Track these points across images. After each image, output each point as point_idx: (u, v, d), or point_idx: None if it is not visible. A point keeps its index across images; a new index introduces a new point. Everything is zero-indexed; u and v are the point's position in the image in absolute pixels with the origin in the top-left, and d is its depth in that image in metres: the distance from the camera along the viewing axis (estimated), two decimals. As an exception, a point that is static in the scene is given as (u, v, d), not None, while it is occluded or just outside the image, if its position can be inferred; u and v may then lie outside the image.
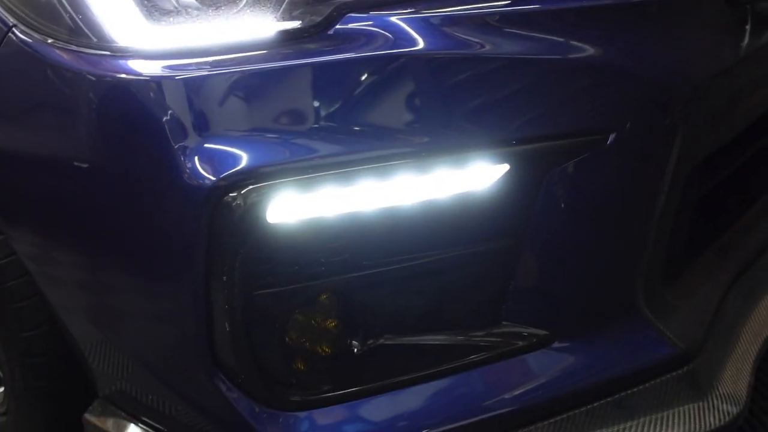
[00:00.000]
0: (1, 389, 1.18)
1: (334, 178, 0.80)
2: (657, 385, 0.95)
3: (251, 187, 0.78)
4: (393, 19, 0.83)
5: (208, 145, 0.78)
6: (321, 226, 0.82)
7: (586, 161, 0.86)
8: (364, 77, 0.81)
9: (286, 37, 0.82)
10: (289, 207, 0.80)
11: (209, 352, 0.86)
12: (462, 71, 0.83)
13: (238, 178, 0.78)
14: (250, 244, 0.81)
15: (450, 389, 0.93)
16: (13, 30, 0.87)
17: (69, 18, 0.85)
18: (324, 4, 0.84)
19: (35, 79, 0.86)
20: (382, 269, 0.87)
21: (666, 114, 0.89)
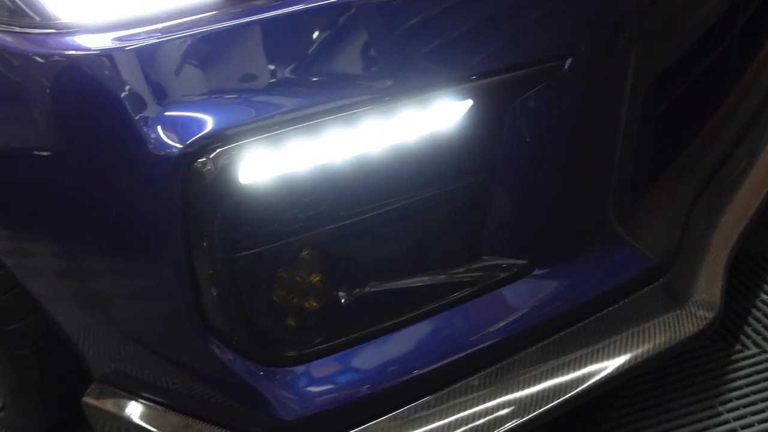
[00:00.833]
0: (-4, 385, 1.18)
1: (300, 131, 0.80)
2: (637, 299, 0.98)
3: (219, 150, 0.78)
4: None
5: (169, 113, 0.78)
6: (293, 181, 0.83)
7: (546, 89, 0.87)
8: (317, 28, 0.81)
9: None
10: (260, 166, 0.80)
11: (199, 319, 0.87)
12: (415, 11, 0.83)
13: (204, 142, 0.78)
14: (225, 207, 0.81)
15: (437, 328, 0.95)
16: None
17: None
18: None
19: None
20: (358, 218, 0.88)
21: (618, 33, 0.91)
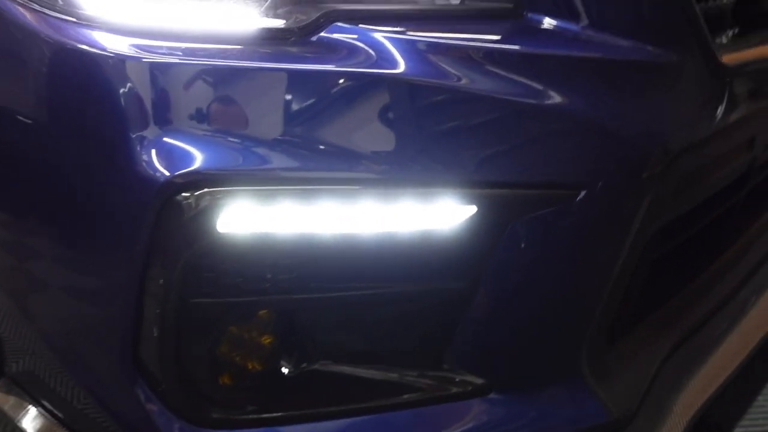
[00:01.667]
0: None
1: (293, 194, 0.76)
2: (586, 451, 0.94)
3: (206, 190, 0.74)
4: (378, 37, 0.79)
5: (167, 139, 0.73)
6: (272, 242, 0.78)
7: (552, 215, 0.84)
8: (340, 93, 0.77)
9: (268, 36, 0.78)
10: (243, 217, 0.76)
11: (131, 353, 0.81)
12: (440, 103, 0.80)
13: (194, 177, 0.73)
14: (195, 249, 0.76)
15: (373, 428, 0.89)
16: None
17: (37, -25, 0.78)
18: (312, 6, 0.80)
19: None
20: (328, 294, 0.83)
21: (638, 178, 0.88)
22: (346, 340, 0.88)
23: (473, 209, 0.81)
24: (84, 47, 0.75)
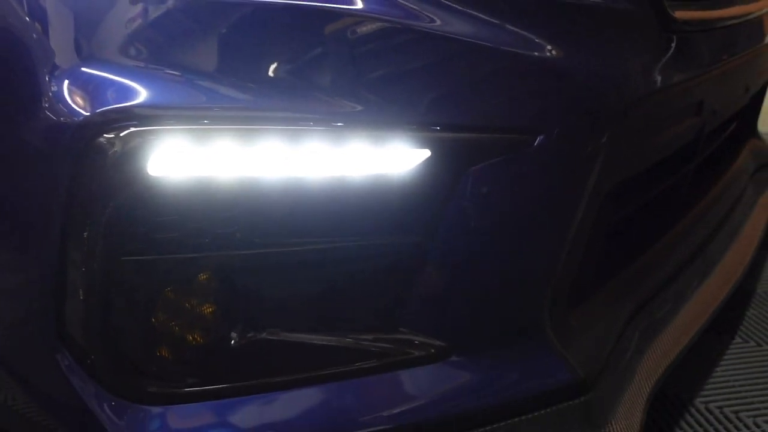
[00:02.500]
0: None
1: (233, 134, 0.69)
2: (552, 414, 0.89)
3: (133, 129, 0.66)
4: None
5: (86, 70, 0.65)
6: (211, 188, 0.71)
7: (508, 162, 0.80)
8: (284, 26, 0.71)
9: None
10: (177, 160, 0.68)
11: (54, 324, 0.72)
12: (394, 40, 0.75)
13: (118, 115, 0.66)
14: (122, 197, 0.68)
15: (329, 398, 0.83)
16: None
17: None
18: None
19: None
20: (274, 250, 0.76)
21: (595, 125, 0.85)
22: (293, 304, 0.81)
23: (426, 153, 0.76)
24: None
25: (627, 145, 0.95)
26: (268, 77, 0.70)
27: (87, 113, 0.65)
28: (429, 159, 0.77)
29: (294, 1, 0.71)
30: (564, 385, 0.88)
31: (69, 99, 0.65)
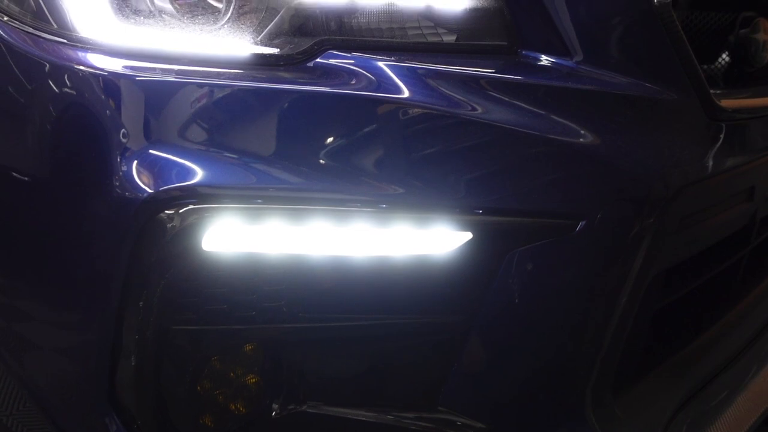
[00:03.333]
0: None
1: (284, 213, 0.73)
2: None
3: (191, 207, 0.71)
4: (378, 63, 0.79)
5: (153, 152, 0.71)
6: (260, 264, 0.74)
7: (551, 246, 0.81)
8: (334, 114, 0.76)
9: (261, 62, 0.77)
10: (230, 237, 0.73)
11: (107, 387, 0.76)
12: (439, 128, 0.78)
13: (178, 194, 0.71)
14: (177, 270, 0.72)
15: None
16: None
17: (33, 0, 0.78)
18: (308, 37, 0.80)
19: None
20: (318, 325, 0.79)
21: (639, 213, 0.86)
22: (336, 378, 0.83)
23: (468, 236, 0.78)
24: (74, 65, 0.74)
25: (674, 232, 0.94)
26: (317, 161, 0.74)
27: (151, 191, 0.70)
28: (471, 241, 0.79)
29: (345, 91, 0.76)
30: (605, 475, 0.86)
31: (137, 178, 0.70)
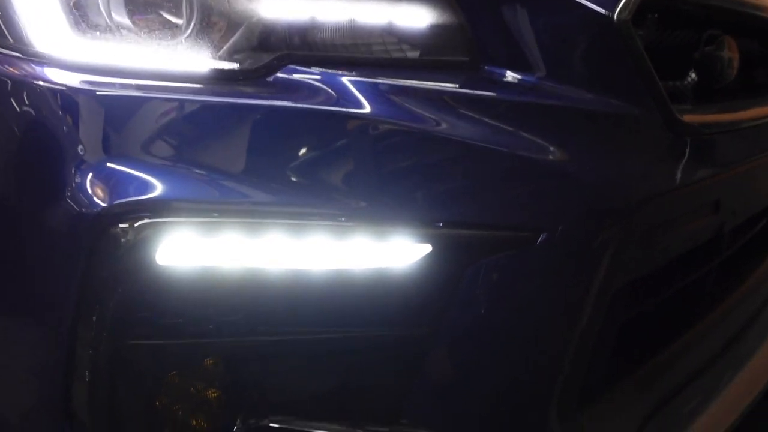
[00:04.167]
0: None
1: (241, 227, 0.73)
2: None
3: (146, 221, 0.71)
4: (340, 78, 0.79)
5: (109, 165, 0.70)
6: (217, 277, 0.74)
7: (511, 258, 0.81)
8: (294, 129, 0.76)
9: (221, 76, 0.77)
10: (185, 250, 0.72)
11: (62, 404, 0.75)
12: (398, 142, 0.79)
13: (132, 207, 0.70)
14: (131, 284, 0.72)
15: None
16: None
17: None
18: (269, 52, 0.80)
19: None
20: (278, 338, 0.78)
21: (600, 225, 0.86)
22: (297, 392, 0.82)
23: (428, 248, 0.78)
24: (35, 81, 0.74)
25: (636, 245, 0.95)
26: (276, 175, 0.74)
27: (105, 204, 0.70)
28: (431, 253, 0.78)
29: (305, 105, 0.76)
30: (569, 489, 0.86)
31: (91, 192, 0.70)
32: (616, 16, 0.87)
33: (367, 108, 0.78)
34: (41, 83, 0.74)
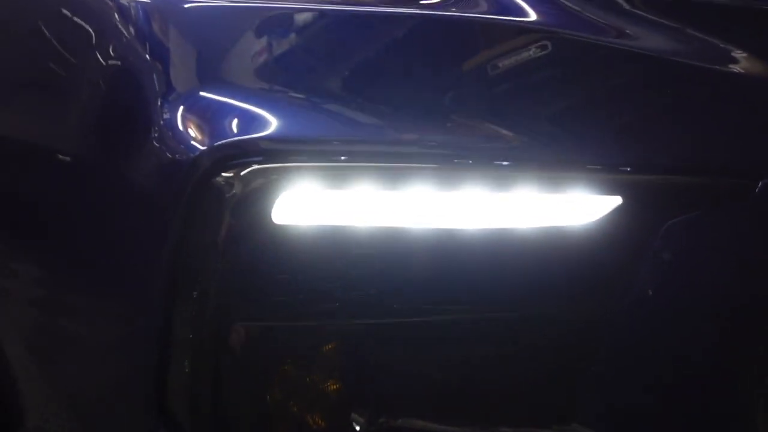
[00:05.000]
0: None
1: (376, 174, 0.58)
2: None
3: (256, 167, 0.56)
4: None
5: (205, 94, 0.55)
6: (347, 241, 0.59)
7: (722, 214, 0.64)
8: (444, 41, 0.62)
9: None
10: (308, 206, 0.58)
11: (156, 397, 0.63)
12: (572, 59, 0.64)
13: (239, 150, 0.55)
14: (239, 251, 0.57)
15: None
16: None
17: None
18: None
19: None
20: (419, 319, 0.63)
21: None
22: (438, 387, 0.68)
23: (616, 201, 0.61)
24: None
25: None
26: (420, 105, 0.59)
27: (203, 147, 0.55)
28: (619, 208, 0.61)
29: (454, 13, 0.59)
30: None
31: (183, 129, 0.54)
32: None
33: (532, 15, 0.62)
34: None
